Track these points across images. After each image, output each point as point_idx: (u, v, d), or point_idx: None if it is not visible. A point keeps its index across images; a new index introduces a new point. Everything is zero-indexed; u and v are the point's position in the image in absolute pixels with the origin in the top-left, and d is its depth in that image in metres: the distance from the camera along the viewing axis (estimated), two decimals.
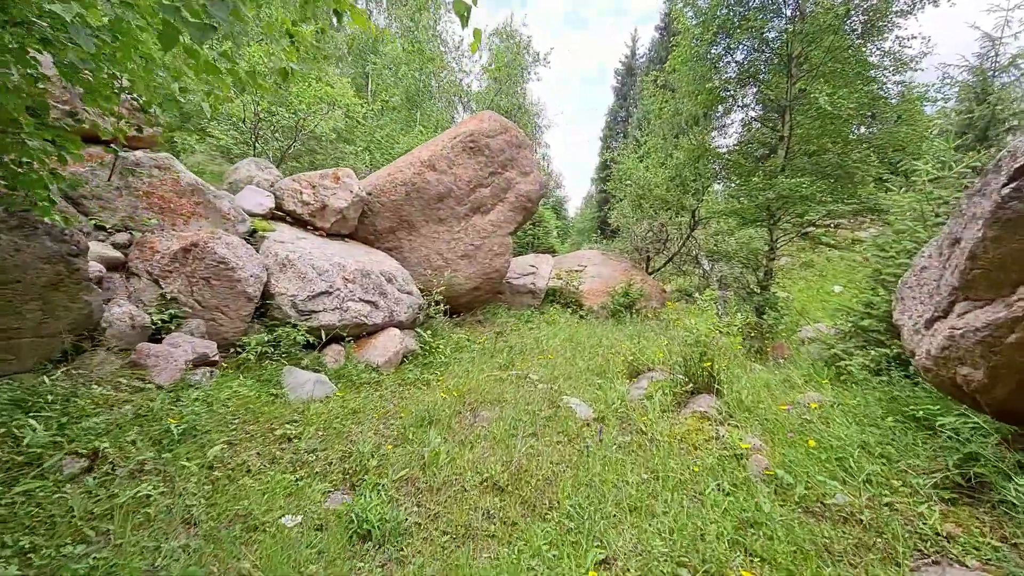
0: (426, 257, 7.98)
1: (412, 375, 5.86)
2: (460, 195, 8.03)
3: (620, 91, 41.79)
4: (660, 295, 11.61)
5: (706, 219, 12.57)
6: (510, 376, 6.04)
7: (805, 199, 8.33)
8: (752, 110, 10.64)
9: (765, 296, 9.29)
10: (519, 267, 10.58)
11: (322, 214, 6.80)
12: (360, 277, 6.05)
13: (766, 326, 8.37)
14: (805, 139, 9.78)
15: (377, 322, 6.03)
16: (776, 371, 7.14)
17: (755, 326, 8.75)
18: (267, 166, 7.98)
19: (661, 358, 6.51)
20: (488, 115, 8.33)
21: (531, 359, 7.01)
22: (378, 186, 7.39)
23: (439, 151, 7.75)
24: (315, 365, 5.48)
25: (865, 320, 5.51)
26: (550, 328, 9.21)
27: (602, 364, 6.60)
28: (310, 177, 6.93)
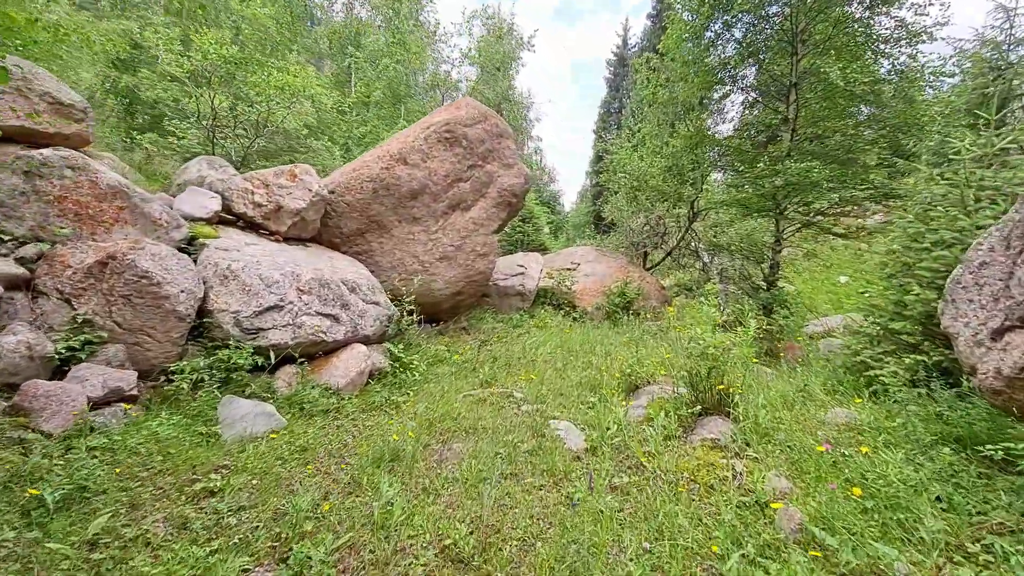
0: (400, 261, 7.23)
1: (379, 398, 5.13)
2: (436, 191, 7.28)
3: (613, 82, 41.06)
4: (659, 292, 10.88)
5: (706, 210, 11.84)
6: (491, 395, 5.31)
7: (815, 186, 7.60)
8: (753, 92, 9.88)
9: (773, 292, 8.56)
10: (506, 267, 9.84)
11: (277, 216, 6.04)
12: (318, 287, 5.30)
13: (776, 326, 7.65)
14: (812, 120, 9.04)
15: (338, 338, 5.29)
16: (791, 378, 6.42)
17: (764, 325, 8.03)
18: (222, 165, 7.22)
19: (664, 369, 5.79)
20: (466, 102, 7.57)
21: (517, 372, 6.28)
22: (342, 184, 6.63)
23: (411, 143, 6.99)
24: (264, 391, 4.74)
25: (896, 322, 4.78)
26: (540, 333, 8.47)
27: (596, 377, 5.87)
28: (263, 175, 6.17)
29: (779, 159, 8.51)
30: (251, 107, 7.85)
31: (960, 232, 4.46)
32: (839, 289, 17.89)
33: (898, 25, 8.16)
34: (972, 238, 4.38)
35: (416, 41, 18.40)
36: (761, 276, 10.12)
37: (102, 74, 10.63)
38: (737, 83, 9.76)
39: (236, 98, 7.90)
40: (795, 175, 7.27)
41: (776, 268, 9.53)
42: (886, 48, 8.76)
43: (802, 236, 15.89)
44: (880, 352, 4.91)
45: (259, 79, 7.55)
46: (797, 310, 8.85)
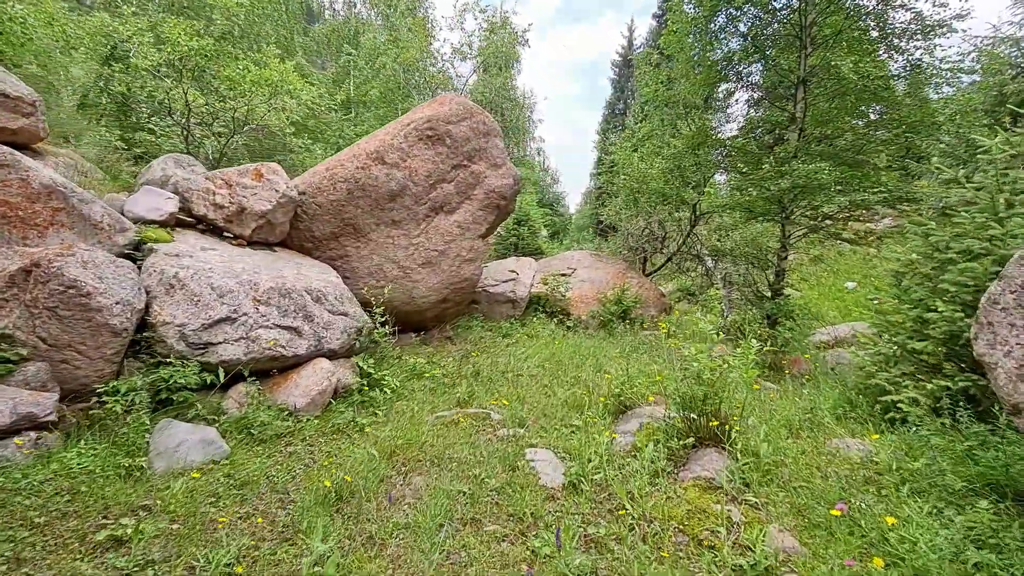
0: (379, 267, 6.77)
1: (342, 419, 4.66)
2: (417, 193, 6.82)
3: (617, 83, 40.63)
4: (658, 300, 10.38)
5: (708, 213, 11.32)
6: (466, 417, 4.83)
7: (823, 188, 7.08)
8: (758, 89, 9.37)
9: (778, 302, 8.03)
10: (497, 273, 9.37)
11: (240, 219, 5.60)
12: (277, 297, 4.85)
13: (782, 339, 7.13)
14: (820, 120, 8.51)
15: (299, 353, 4.83)
16: (797, 398, 5.91)
17: (768, 337, 7.51)
18: (191, 164, 6.79)
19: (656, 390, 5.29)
20: (450, 97, 7.11)
21: (499, 389, 5.80)
22: (314, 184, 6.18)
23: (389, 141, 6.53)
24: (211, 413, 4.28)
25: (917, 341, 4.26)
26: (530, 344, 8.00)
27: (584, 395, 5.38)
28: (226, 174, 5.73)
29: (785, 160, 8.00)
30: (222, 102, 7.43)
31: (990, 241, 3.95)
32: (847, 296, 17.30)
33: (914, 18, 7.63)
34: (1004, 248, 3.88)
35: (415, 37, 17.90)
36: (766, 283, 9.59)
37: (96, 71, 10.27)
38: (742, 80, 9.25)
39: (212, 93, 7.47)
40: (802, 177, 6.76)
41: (782, 275, 9.01)
42: (900, 43, 8.23)
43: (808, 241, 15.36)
44: (897, 375, 4.39)
45: (233, 73, 7.12)
46: (803, 321, 8.32)
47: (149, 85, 7.33)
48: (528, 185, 29.21)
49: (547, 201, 34.52)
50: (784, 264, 9.01)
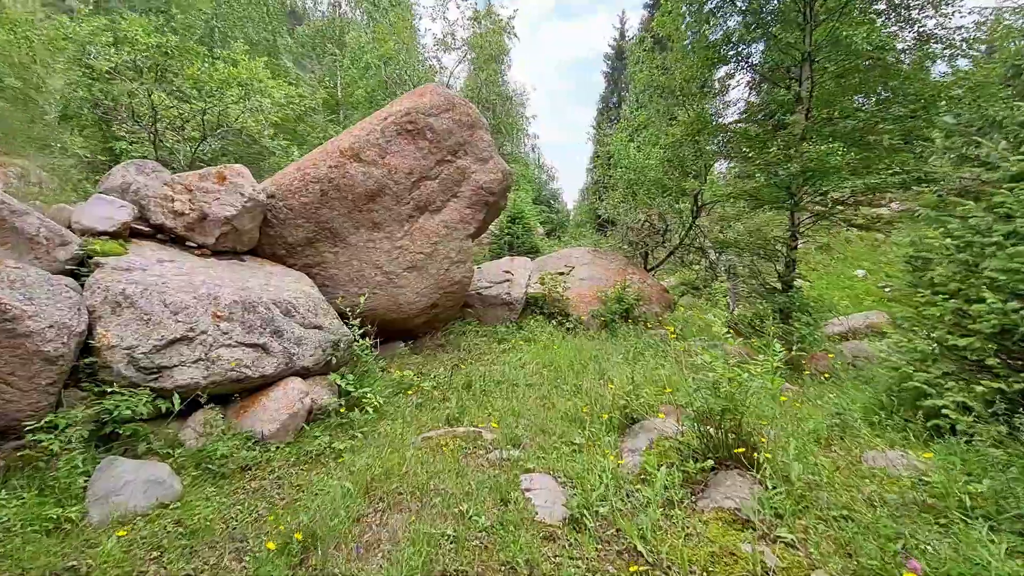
0: (359, 273, 6.29)
1: (316, 445, 4.17)
2: (399, 191, 6.33)
3: (610, 76, 40.16)
4: (661, 296, 9.88)
5: (711, 204, 10.81)
6: (456, 438, 4.34)
7: (835, 171, 6.57)
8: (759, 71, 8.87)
9: (791, 295, 7.53)
10: (491, 274, 8.88)
11: (202, 227, 5.11)
12: (241, 312, 4.36)
13: (798, 334, 6.63)
14: (828, 100, 7.99)
15: (267, 372, 4.35)
16: (820, 401, 5.42)
17: (783, 333, 7.01)
18: (155, 170, 6.30)
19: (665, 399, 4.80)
20: (430, 88, 6.61)
21: (493, 402, 5.31)
22: (284, 186, 5.69)
23: (365, 137, 6.04)
24: (166, 447, 3.81)
25: (960, 337, 3.77)
26: (528, 349, 7.50)
27: (587, 407, 4.89)
28: (187, 179, 5.24)
29: (792, 143, 7.49)
30: (189, 103, 6.94)
31: None
32: (857, 284, 16.81)
33: None
34: None
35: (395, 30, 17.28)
36: (775, 274, 9.09)
37: (77, 81, 9.80)
38: (742, 61, 8.74)
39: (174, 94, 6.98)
40: (813, 160, 6.26)
41: (792, 266, 8.51)
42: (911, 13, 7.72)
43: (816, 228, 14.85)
44: (938, 375, 3.90)
45: (196, 71, 6.63)
46: (819, 314, 7.82)
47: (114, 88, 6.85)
48: (523, 182, 28.71)
49: (543, 198, 34.03)
50: (794, 254, 8.50)
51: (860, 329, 11.92)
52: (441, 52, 19.02)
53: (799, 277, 8.44)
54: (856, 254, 18.93)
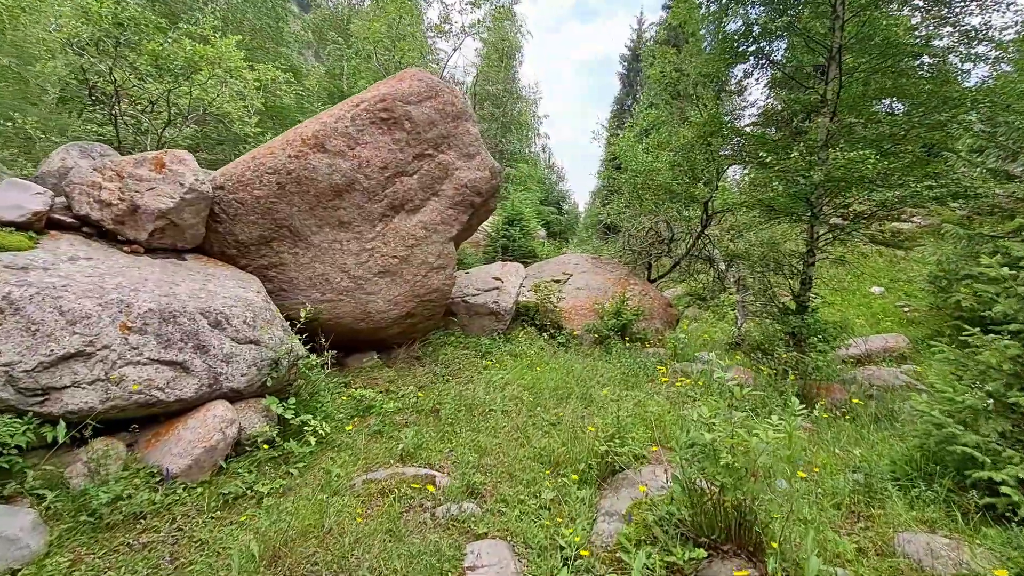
0: (323, 277, 5.63)
1: (236, 487, 3.50)
2: (370, 187, 5.65)
3: (626, 78, 39.44)
4: (664, 311, 9.13)
5: (721, 212, 10.04)
6: (404, 482, 3.65)
7: (866, 181, 5.80)
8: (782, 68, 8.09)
9: (806, 319, 6.76)
10: (479, 281, 8.19)
11: (133, 220, 4.47)
12: (158, 323, 3.71)
13: (813, 364, 5.87)
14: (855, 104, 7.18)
15: (186, 395, 3.69)
16: (838, 447, 4.67)
17: (795, 361, 6.25)
18: (103, 153, 5.70)
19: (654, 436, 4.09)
20: (411, 73, 5.93)
21: (459, 433, 4.62)
22: (234, 176, 5.03)
23: (333, 124, 5.37)
24: (44, 485, 3.15)
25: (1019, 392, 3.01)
26: (513, 365, 6.81)
27: (564, 446, 4.19)
28: (120, 164, 4.60)
29: (815, 149, 6.72)
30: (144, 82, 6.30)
31: None
32: (874, 301, 15.88)
33: None
34: None
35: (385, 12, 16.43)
36: (789, 292, 8.30)
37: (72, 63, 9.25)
38: (763, 57, 7.97)
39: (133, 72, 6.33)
40: (840, 168, 5.50)
41: (808, 284, 7.72)
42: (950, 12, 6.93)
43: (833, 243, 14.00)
44: (992, 439, 3.14)
45: (158, 47, 6.00)
46: (837, 341, 7.04)
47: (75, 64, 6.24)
48: (530, 182, 27.99)
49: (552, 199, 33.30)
50: (811, 271, 7.72)
51: (877, 352, 11.08)
52: (437, 39, 18.05)
53: (816, 297, 7.64)
54: (873, 270, 17.97)
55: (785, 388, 6.16)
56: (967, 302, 9.94)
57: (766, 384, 6.23)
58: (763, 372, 6.48)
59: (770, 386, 6.13)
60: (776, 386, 6.18)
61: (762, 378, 6.48)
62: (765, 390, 6.14)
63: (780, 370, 6.30)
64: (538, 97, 33.39)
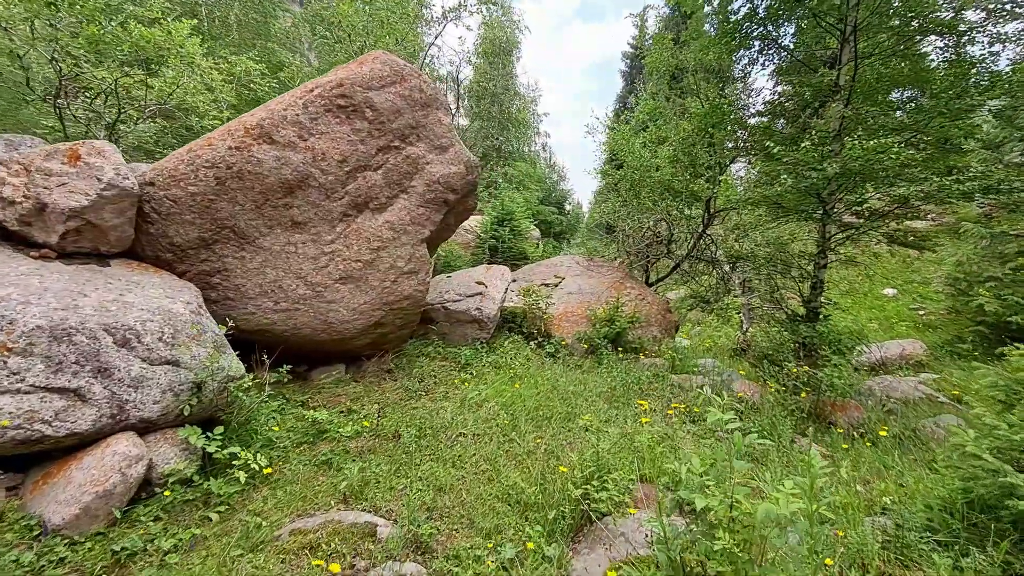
0: (276, 284, 5.03)
1: (132, 542, 2.89)
2: (328, 183, 5.05)
3: (628, 75, 38.90)
4: (663, 317, 8.48)
5: (725, 210, 9.38)
6: (336, 534, 3.03)
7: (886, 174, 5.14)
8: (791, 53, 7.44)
9: (818, 327, 6.10)
10: (460, 285, 7.58)
11: (41, 220, 3.88)
12: (47, 343, 3.11)
13: (828, 380, 5.22)
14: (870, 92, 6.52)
15: (81, 429, 3.10)
16: (857, 477, 4.03)
17: (806, 376, 5.60)
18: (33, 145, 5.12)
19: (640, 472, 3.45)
20: (373, 55, 5.31)
21: (418, 464, 4.00)
22: (166, 171, 4.43)
23: (282, 112, 4.76)
24: None
25: None
26: (494, 379, 6.19)
27: (540, 478, 3.57)
28: (28, 157, 4.02)
29: (828, 138, 6.07)
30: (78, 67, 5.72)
31: None
32: (887, 305, 15.15)
33: None
34: None
35: None
36: (799, 296, 7.65)
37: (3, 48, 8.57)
38: (769, 42, 7.31)
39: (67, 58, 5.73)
40: (858, 159, 4.85)
41: (819, 288, 7.06)
42: None
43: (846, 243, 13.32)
44: None
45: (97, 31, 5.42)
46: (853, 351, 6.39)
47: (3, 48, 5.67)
48: (530, 182, 27.36)
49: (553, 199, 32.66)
50: (823, 274, 7.06)
51: (893, 360, 10.38)
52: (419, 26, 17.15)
53: (829, 303, 6.98)
54: (885, 271, 17.23)
55: (796, 406, 5.52)
56: (991, 306, 9.24)
57: (774, 402, 5.58)
58: (771, 387, 5.83)
59: (779, 404, 5.48)
60: (786, 404, 5.53)
61: (769, 393, 5.84)
62: (773, 408, 5.50)
63: (790, 385, 5.65)
64: (538, 95, 32.76)
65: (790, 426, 4.99)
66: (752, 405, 5.55)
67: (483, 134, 26.47)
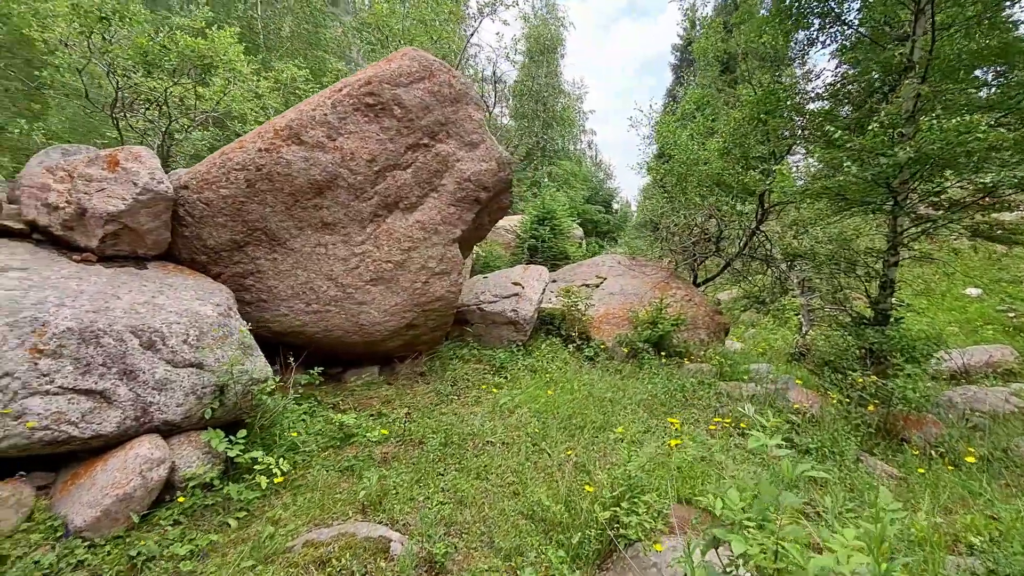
0: (307, 286, 5.02)
1: (148, 548, 2.87)
2: (357, 183, 4.99)
3: (677, 68, 37.58)
4: (711, 319, 7.97)
5: (780, 205, 8.71)
6: (350, 548, 2.90)
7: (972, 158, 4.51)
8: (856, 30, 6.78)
9: (888, 332, 5.47)
10: (497, 286, 7.40)
11: (82, 224, 4.01)
12: (76, 344, 3.17)
13: (900, 393, 4.65)
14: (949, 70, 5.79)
15: (106, 431, 3.13)
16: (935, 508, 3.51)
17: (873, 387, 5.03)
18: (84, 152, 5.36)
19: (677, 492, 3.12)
20: (402, 52, 5.21)
21: (442, 474, 3.84)
22: (200, 175, 4.50)
23: (311, 112, 4.74)
24: None
25: None
26: (529, 383, 5.97)
27: (567, 495, 3.33)
28: (72, 164, 4.17)
29: (898, 121, 5.44)
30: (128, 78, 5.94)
31: None
32: (969, 306, 13.73)
33: None
34: None
35: None
36: (866, 297, 6.96)
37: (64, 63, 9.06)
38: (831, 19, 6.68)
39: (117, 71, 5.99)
40: (938, 141, 4.26)
41: (889, 288, 6.38)
42: None
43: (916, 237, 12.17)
44: None
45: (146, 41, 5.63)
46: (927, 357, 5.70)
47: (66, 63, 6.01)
48: (575, 180, 26.91)
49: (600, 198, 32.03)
50: (893, 273, 6.38)
51: (978, 368, 9.34)
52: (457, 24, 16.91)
53: (901, 304, 6.29)
54: (967, 268, 15.61)
55: (861, 419, 4.96)
56: None
57: (836, 414, 5.04)
58: (832, 398, 5.28)
59: (841, 417, 4.94)
60: (850, 416, 4.98)
61: (831, 405, 5.29)
62: (835, 421, 4.97)
63: (855, 396, 5.08)
64: (583, 92, 32.21)
65: (855, 443, 4.48)
66: (810, 417, 5.04)
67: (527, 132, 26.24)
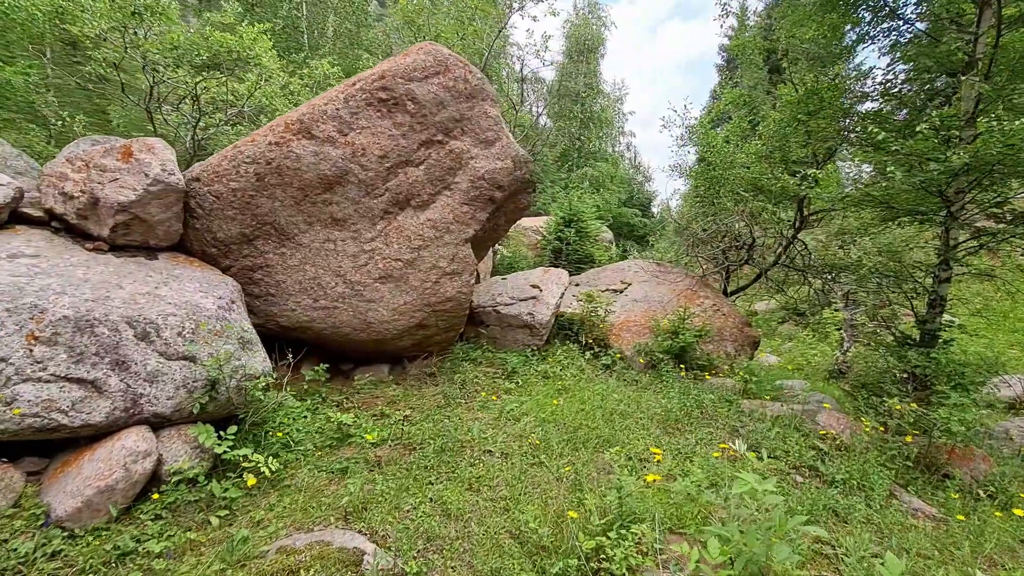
0: (315, 281, 4.99)
1: (124, 542, 2.84)
2: (368, 180, 4.91)
3: (724, 68, 36.40)
4: (740, 331, 7.53)
5: (821, 212, 8.16)
6: (322, 559, 2.79)
7: None
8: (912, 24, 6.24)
9: (934, 356, 4.97)
10: (515, 288, 7.22)
11: (95, 213, 4.07)
12: (72, 333, 3.19)
13: (943, 423, 4.19)
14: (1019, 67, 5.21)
15: (96, 420, 3.13)
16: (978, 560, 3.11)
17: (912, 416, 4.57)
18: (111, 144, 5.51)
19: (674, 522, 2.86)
20: (417, 47, 5.09)
21: (432, 484, 3.69)
22: (211, 167, 4.51)
23: (322, 107, 4.69)
24: None
25: None
26: (539, 391, 5.77)
27: (557, 516, 3.12)
28: (89, 154, 4.25)
29: (954, 122, 4.94)
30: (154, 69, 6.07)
31: None
32: None
33: None
34: None
35: None
36: (912, 314, 6.41)
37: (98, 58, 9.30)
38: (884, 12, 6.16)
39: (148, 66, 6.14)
40: (999, 144, 3.80)
41: (939, 306, 5.83)
42: None
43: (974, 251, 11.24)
44: None
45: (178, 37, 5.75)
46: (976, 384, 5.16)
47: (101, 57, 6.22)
48: (612, 182, 26.41)
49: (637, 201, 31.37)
50: (944, 289, 5.83)
51: None
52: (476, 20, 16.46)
53: (951, 324, 5.74)
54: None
55: (897, 450, 4.50)
56: None
57: (869, 442, 4.61)
58: (865, 424, 4.83)
59: (875, 447, 4.51)
60: (884, 447, 4.53)
61: (864, 431, 4.84)
62: (867, 450, 4.54)
63: (892, 425, 4.63)
64: (624, 93, 31.64)
65: (888, 477, 4.06)
66: (839, 444, 4.62)
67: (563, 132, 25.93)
